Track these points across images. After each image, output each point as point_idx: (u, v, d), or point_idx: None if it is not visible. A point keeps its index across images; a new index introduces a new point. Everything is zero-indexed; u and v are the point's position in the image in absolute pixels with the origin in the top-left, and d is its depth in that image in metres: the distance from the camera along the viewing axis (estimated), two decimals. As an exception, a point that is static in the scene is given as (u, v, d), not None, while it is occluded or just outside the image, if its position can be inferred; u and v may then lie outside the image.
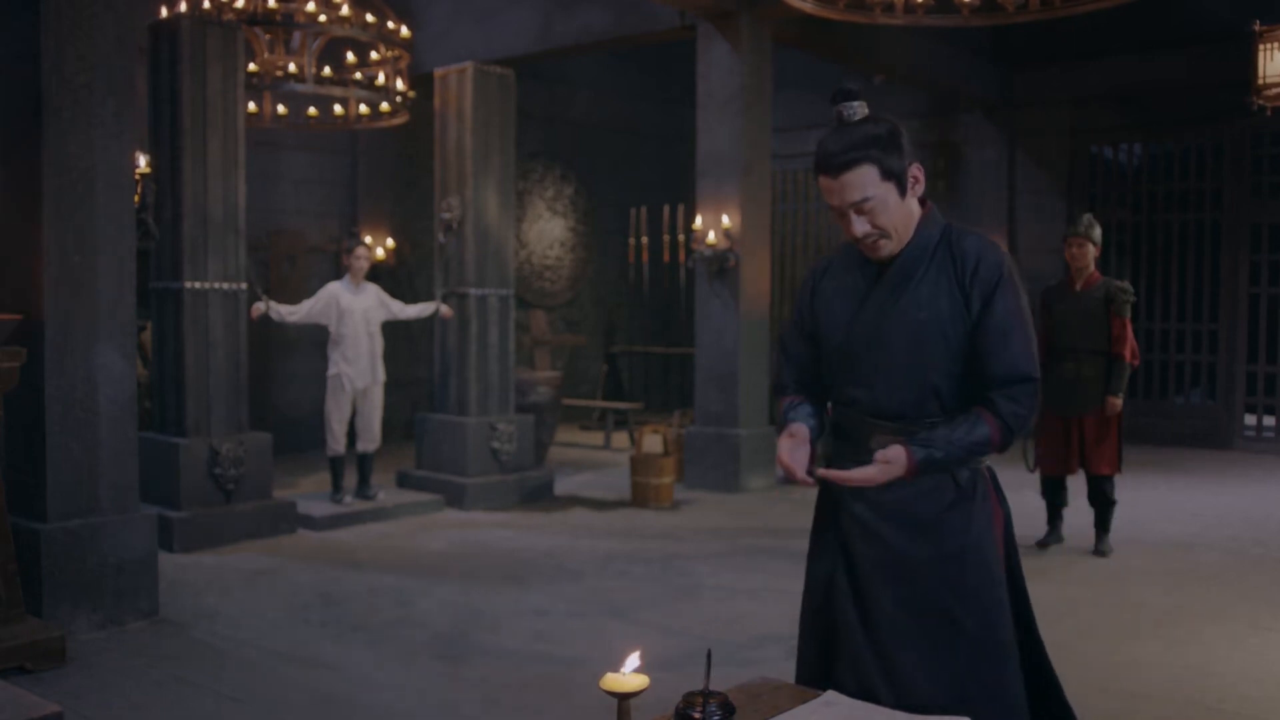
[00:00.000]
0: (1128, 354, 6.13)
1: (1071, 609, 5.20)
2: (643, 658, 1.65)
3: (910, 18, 5.85)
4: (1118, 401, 6.10)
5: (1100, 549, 6.27)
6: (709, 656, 1.68)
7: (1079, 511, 6.52)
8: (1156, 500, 7.97)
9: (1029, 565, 6.01)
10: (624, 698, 1.61)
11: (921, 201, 2.37)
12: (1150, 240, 11.27)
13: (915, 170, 2.32)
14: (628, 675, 1.61)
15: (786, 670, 2.76)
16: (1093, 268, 6.27)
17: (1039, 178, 11.75)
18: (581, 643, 4.66)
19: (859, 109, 2.30)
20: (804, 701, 1.89)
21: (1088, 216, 6.33)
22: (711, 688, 1.64)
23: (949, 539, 2.29)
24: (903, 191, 2.30)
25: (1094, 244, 6.23)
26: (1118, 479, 6.33)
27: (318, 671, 4.31)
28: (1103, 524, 6.31)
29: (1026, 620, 2.37)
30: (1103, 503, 6.27)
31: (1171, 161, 11.21)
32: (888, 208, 2.28)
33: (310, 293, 7.73)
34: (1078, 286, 6.27)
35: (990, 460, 2.41)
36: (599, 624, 4.95)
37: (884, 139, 2.26)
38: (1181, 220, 11.10)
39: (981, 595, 2.28)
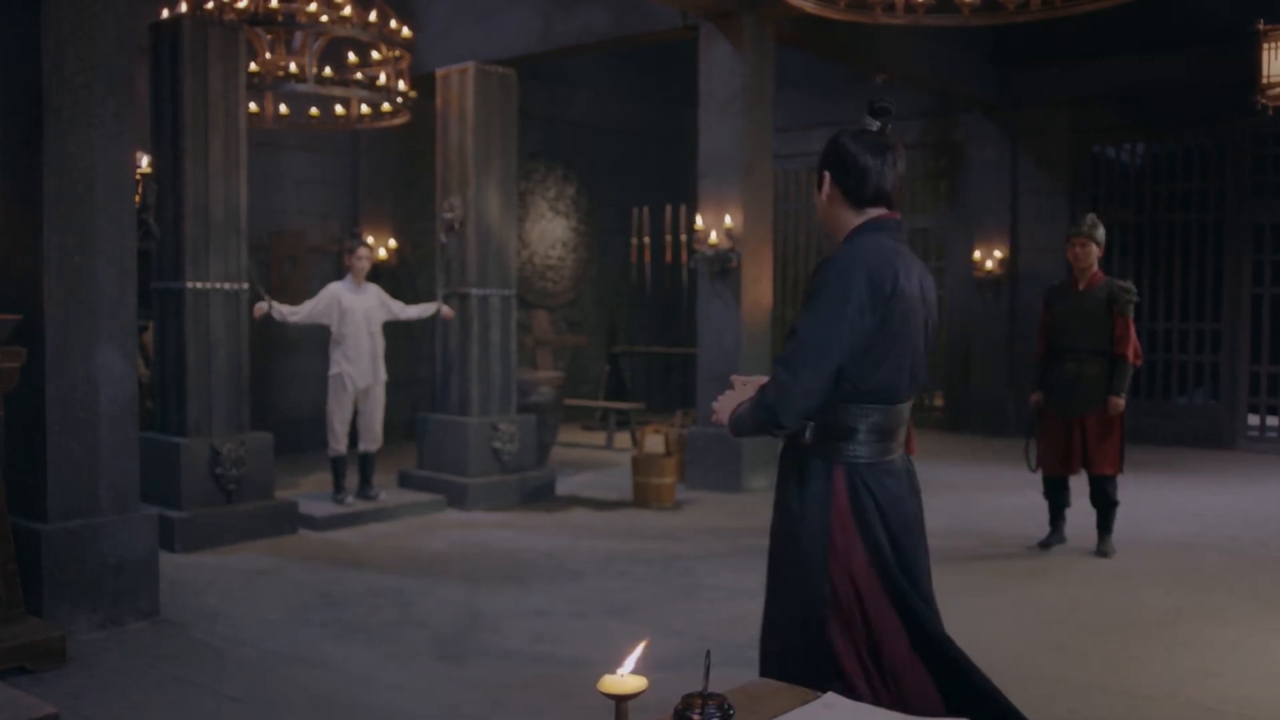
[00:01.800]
0: (1130, 354, 6.12)
1: (1073, 609, 5.20)
2: (646, 653, 1.64)
3: (910, 17, 5.85)
4: (1120, 401, 6.09)
5: (1102, 549, 6.27)
6: (708, 657, 1.67)
7: (1081, 512, 6.50)
8: (1158, 501, 7.96)
9: (1030, 565, 6.03)
10: (621, 699, 1.60)
11: (884, 216, 2.53)
12: (1152, 240, 11.26)
13: (825, 177, 2.55)
14: (625, 677, 1.60)
15: (786, 671, 2.76)
16: (1096, 267, 6.26)
17: (1040, 177, 11.74)
18: (582, 643, 4.66)
19: (869, 123, 2.56)
20: (804, 703, 1.88)
21: (1091, 216, 6.32)
22: (711, 689, 1.64)
23: (780, 516, 2.58)
24: (820, 191, 2.59)
25: (1097, 244, 6.22)
26: (1120, 479, 6.32)
27: (318, 671, 4.31)
28: (1105, 524, 6.30)
29: (908, 608, 2.41)
30: (1105, 503, 6.26)
31: (1173, 161, 11.20)
32: (817, 201, 2.63)
33: (311, 293, 7.73)
34: (1080, 286, 6.26)
35: (918, 456, 2.63)
36: (600, 624, 4.95)
37: (828, 145, 2.57)
38: (1183, 220, 11.09)
39: (784, 569, 2.53)
